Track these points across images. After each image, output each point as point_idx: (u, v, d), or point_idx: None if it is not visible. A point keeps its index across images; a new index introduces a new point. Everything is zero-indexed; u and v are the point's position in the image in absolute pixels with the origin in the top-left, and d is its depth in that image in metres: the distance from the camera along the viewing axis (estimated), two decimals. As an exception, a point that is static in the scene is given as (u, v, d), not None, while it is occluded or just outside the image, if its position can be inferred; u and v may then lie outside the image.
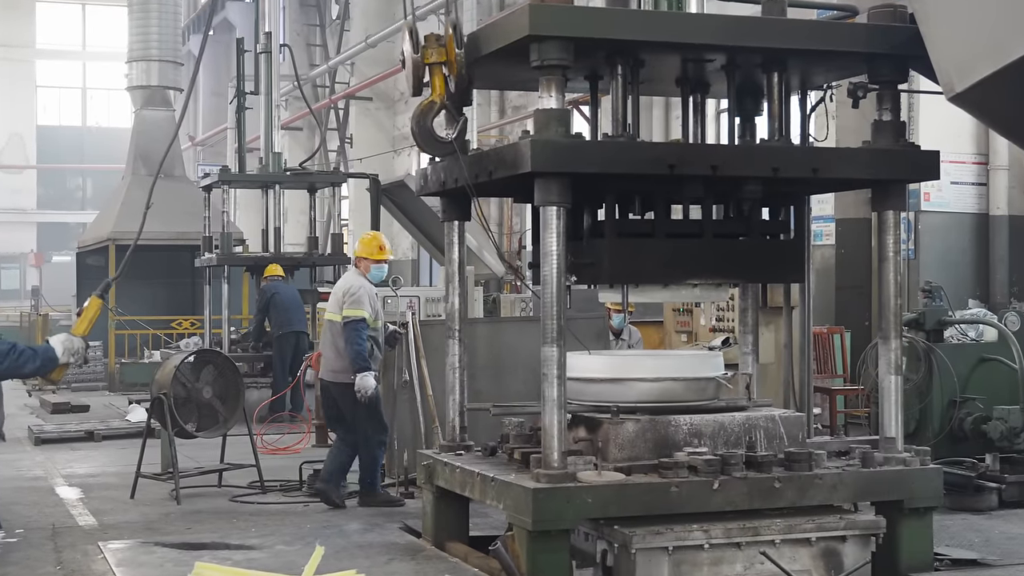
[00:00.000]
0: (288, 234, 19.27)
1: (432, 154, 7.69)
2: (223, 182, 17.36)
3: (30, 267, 47.78)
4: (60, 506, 10.51)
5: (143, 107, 25.89)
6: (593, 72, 7.70)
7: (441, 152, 7.60)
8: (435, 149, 7.57)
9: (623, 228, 7.45)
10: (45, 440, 14.71)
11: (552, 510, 6.70)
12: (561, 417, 6.86)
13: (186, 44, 34.90)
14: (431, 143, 7.51)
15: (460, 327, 8.21)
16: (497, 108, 26.66)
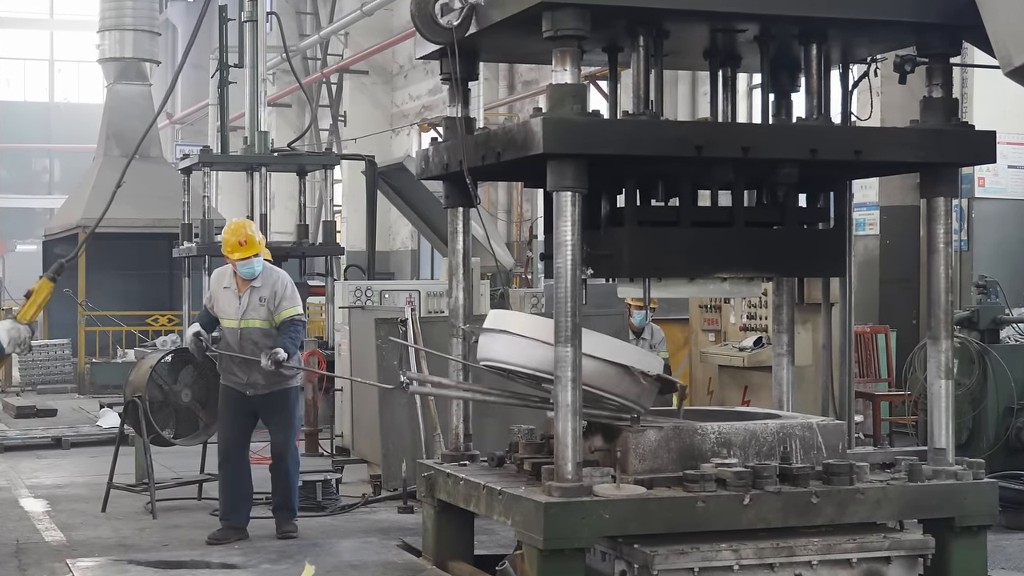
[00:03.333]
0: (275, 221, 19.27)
1: (428, 39, 7.51)
2: (204, 164, 17.35)
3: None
4: (25, 520, 10.53)
5: (116, 81, 25.90)
6: (612, 43, 7.68)
7: (438, 39, 7.43)
8: (433, 34, 7.40)
9: (645, 216, 7.44)
10: (8, 447, 14.74)
11: (566, 527, 6.69)
12: (576, 424, 6.85)
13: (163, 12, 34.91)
14: (430, 27, 7.35)
15: (465, 324, 8.20)
16: (506, 83, 26.65)
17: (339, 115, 32.02)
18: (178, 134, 42.57)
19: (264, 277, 9.88)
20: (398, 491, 10.63)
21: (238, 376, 9.79)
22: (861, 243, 15.74)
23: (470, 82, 8.08)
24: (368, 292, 14.55)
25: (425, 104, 29.74)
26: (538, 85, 24.41)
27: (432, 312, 14.09)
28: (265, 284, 9.84)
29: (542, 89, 23.55)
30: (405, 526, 9.85)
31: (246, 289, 9.82)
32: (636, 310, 13.10)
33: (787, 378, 8.49)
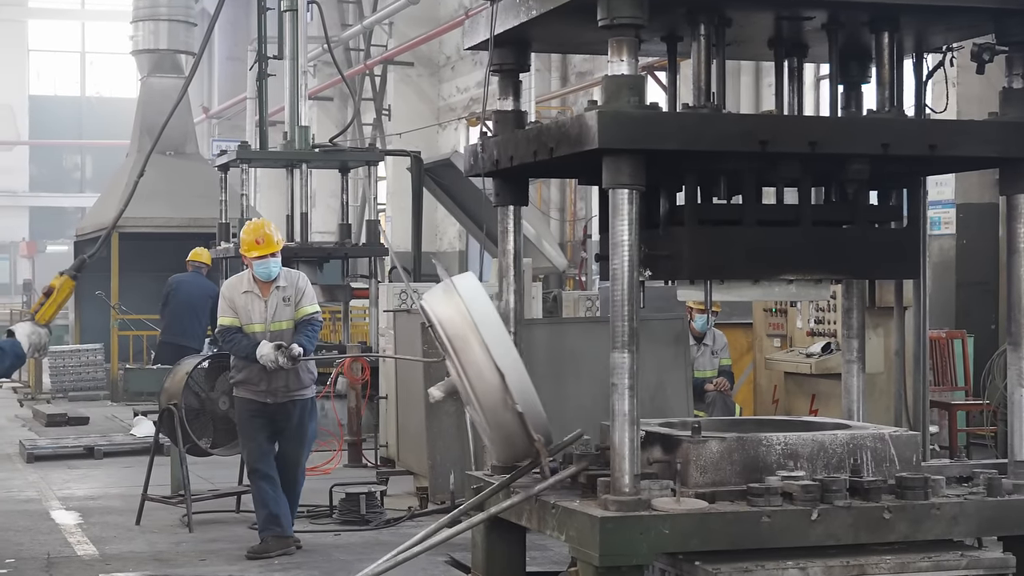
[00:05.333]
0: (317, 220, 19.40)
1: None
2: (242, 160, 17.45)
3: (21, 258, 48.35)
4: (56, 532, 10.63)
5: (150, 74, 26.11)
6: (671, 32, 7.67)
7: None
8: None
9: (706, 214, 7.42)
10: (39, 457, 14.88)
11: (623, 543, 6.68)
12: (634, 434, 6.84)
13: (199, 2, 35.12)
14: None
15: (516, 329, 8.20)
16: (559, 75, 26.67)
17: (383, 109, 32.12)
18: (215, 129, 42.83)
19: (286, 277, 10.07)
20: (446, 504, 10.65)
21: (256, 385, 9.90)
22: (936, 243, 15.65)
23: (521, 73, 8.09)
24: (414, 295, 14.58)
25: (473, 97, 29.80)
26: (592, 76, 24.43)
27: (481, 316, 14.10)
28: (289, 283, 10.03)
29: (597, 81, 23.58)
30: (453, 542, 9.83)
31: (270, 291, 9.93)
32: (697, 314, 13.08)
33: (857, 386, 8.44)
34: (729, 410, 13.22)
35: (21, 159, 50.43)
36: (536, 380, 10.57)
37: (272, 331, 9.89)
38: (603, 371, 7.23)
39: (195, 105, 36.37)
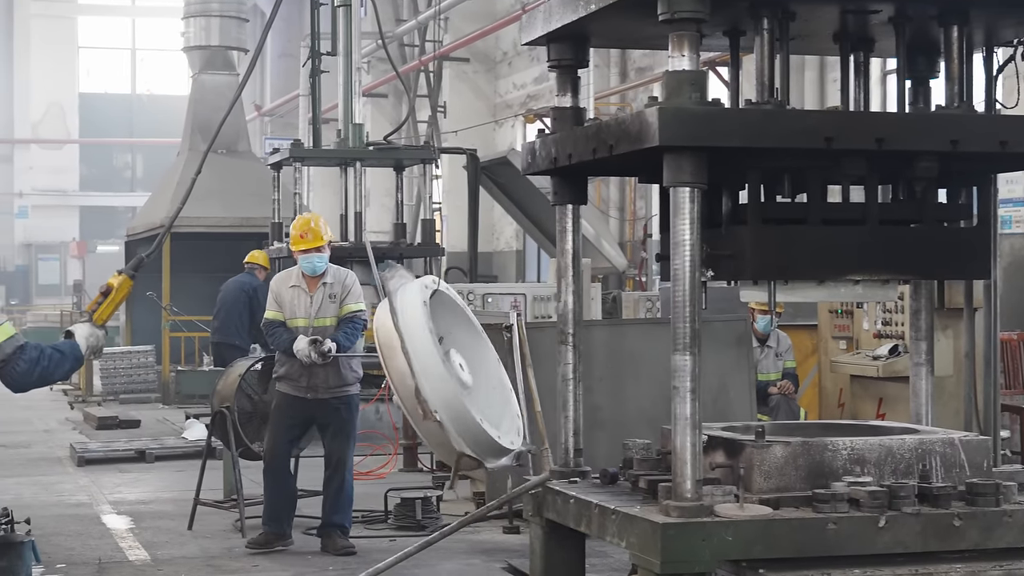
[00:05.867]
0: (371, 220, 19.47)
1: None
2: (295, 159, 17.55)
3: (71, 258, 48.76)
4: (107, 537, 10.72)
5: (201, 71, 26.26)
6: (734, 26, 7.65)
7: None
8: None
9: (770, 213, 7.40)
10: (89, 460, 15.00)
11: (685, 549, 6.67)
12: (695, 439, 6.83)
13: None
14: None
15: (574, 331, 8.20)
16: (618, 70, 26.64)
17: (438, 106, 32.17)
18: (267, 127, 43.05)
19: (333, 274, 10.20)
20: (503, 510, 10.67)
21: (297, 380, 10.02)
22: (1007, 242, 15.54)
23: (580, 69, 8.10)
24: (470, 296, 14.62)
25: (531, 93, 29.80)
26: (652, 72, 24.39)
27: (539, 317, 14.13)
28: (336, 280, 10.15)
29: (657, 76, 23.49)
30: (511, 547, 9.89)
31: (317, 287, 10.04)
32: (760, 315, 13.04)
33: (926, 389, 8.40)
34: (793, 414, 13.17)
35: (71, 158, 50.82)
36: (595, 382, 10.67)
37: (315, 327, 10.02)
38: (664, 374, 7.22)
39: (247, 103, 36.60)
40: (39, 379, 6.23)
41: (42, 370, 6.20)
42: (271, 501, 10.20)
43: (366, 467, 13.51)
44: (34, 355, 6.15)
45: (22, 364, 6.10)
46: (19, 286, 48.84)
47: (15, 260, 49.71)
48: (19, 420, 19.53)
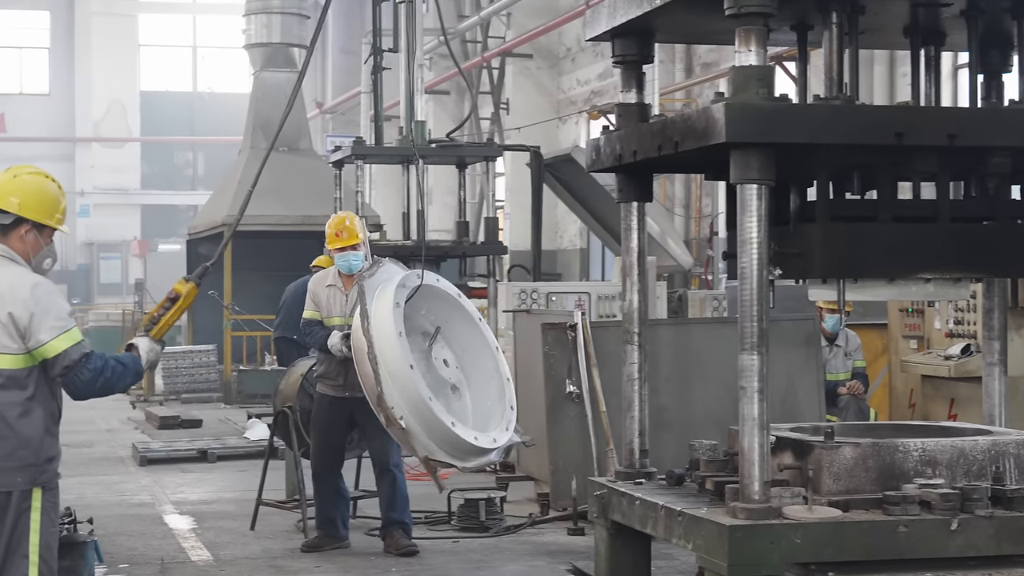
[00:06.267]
0: (433, 218, 19.53)
1: None
2: (356, 156, 17.60)
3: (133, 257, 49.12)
4: (170, 537, 10.81)
5: (263, 68, 26.40)
6: (801, 20, 7.63)
7: None
8: None
9: (839, 210, 7.37)
10: (152, 460, 15.12)
11: (752, 552, 6.66)
12: (763, 440, 6.81)
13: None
14: None
15: (640, 330, 8.20)
16: (683, 66, 26.59)
17: (501, 102, 32.21)
18: (329, 124, 43.20)
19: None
20: (568, 511, 10.68)
21: (335, 379, 10.08)
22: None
23: (645, 65, 8.09)
24: (534, 295, 14.64)
25: (595, 90, 29.79)
26: (718, 68, 24.32)
27: (604, 316, 14.13)
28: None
29: (723, 72, 23.44)
30: (575, 549, 9.89)
31: (352, 285, 10.09)
32: (828, 314, 12.98)
33: (999, 390, 8.34)
34: (863, 414, 13.10)
35: (132, 156, 51.15)
36: (661, 382, 10.66)
37: (351, 325, 10.05)
38: (731, 374, 7.20)
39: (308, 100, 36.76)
40: (101, 389, 6.29)
41: (105, 380, 6.26)
42: (321, 504, 10.25)
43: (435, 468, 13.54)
44: (98, 365, 6.22)
45: (86, 373, 6.16)
46: (81, 285, 49.23)
47: (77, 259, 50.10)
48: (82, 419, 19.71)
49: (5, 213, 6.16)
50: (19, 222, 6.18)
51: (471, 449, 9.21)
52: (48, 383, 6.16)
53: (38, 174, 6.30)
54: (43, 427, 6.11)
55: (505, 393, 9.70)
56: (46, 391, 6.15)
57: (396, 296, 9.25)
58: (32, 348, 6.04)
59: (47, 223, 6.24)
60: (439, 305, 9.84)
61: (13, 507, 6.00)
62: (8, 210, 6.15)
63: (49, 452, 6.14)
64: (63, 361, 6.10)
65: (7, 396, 6.02)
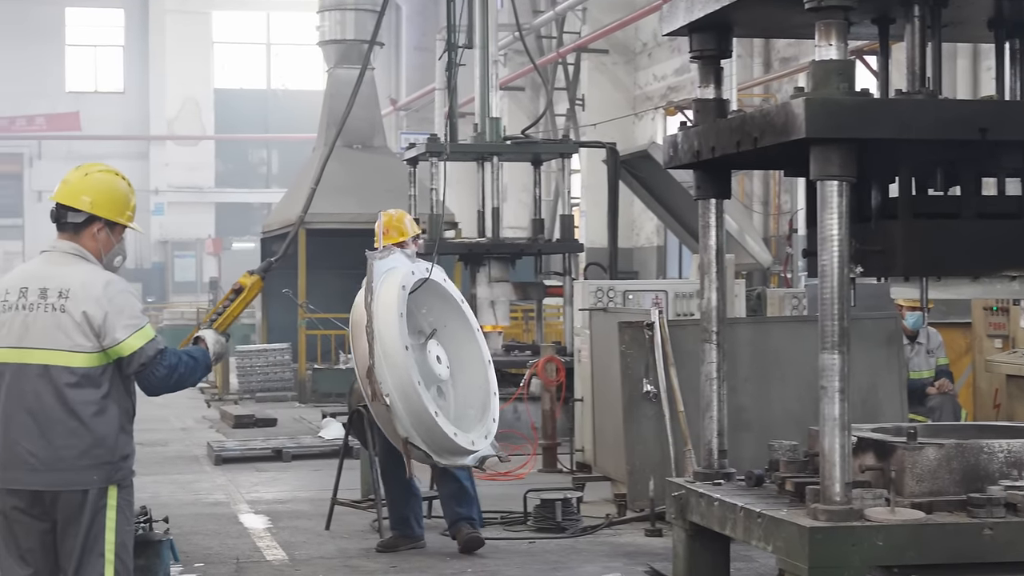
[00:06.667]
0: (508, 215, 19.54)
1: None
2: (431, 154, 17.65)
3: (207, 255, 49.51)
4: (245, 537, 10.88)
5: (337, 65, 26.49)
6: (883, 14, 7.58)
7: None
8: None
9: (921, 207, 7.33)
10: (227, 459, 15.23)
11: (833, 554, 6.63)
12: (844, 440, 6.78)
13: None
14: None
15: (718, 328, 8.19)
16: (761, 61, 26.47)
17: (577, 98, 32.19)
18: (403, 121, 43.35)
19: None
20: (645, 512, 10.66)
21: None
22: None
23: (723, 60, 8.07)
24: (610, 293, 14.62)
25: (671, 85, 29.72)
26: (798, 62, 24.20)
27: (681, 315, 14.08)
28: None
29: (802, 66, 23.32)
30: (653, 550, 9.87)
31: None
32: (909, 312, 12.89)
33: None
34: (956, 413, 12.99)
35: (206, 154, 51.58)
36: (739, 382, 10.62)
37: None
38: (811, 373, 7.18)
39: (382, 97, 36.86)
40: (175, 384, 6.35)
41: (179, 376, 6.32)
42: (393, 503, 10.29)
43: (504, 467, 13.57)
44: (172, 361, 6.28)
45: (161, 369, 6.22)
46: (155, 283, 49.70)
47: (151, 257, 50.58)
48: (156, 418, 19.88)
49: (77, 212, 6.22)
50: (91, 220, 6.23)
51: (449, 445, 9.35)
52: (122, 380, 6.21)
53: (108, 172, 6.36)
54: (118, 425, 6.16)
55: (490, 406, 9.88)
56: (120, 389, 6.20)
57: (403, 280, 9.39)
58: (108, 347, 6.09)
59: (118, 221, 6.30)
60: (441, 306, 9.97)
61: (89, 505, 6.06)
62: (80, 209, 6.21)
63: (124, 450, 6.19)
64: (139, 359, 6.15)
65: (82, 395, 6.07)
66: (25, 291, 6.15)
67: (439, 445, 9.34)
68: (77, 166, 6.43)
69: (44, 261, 6.30)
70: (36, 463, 6.05)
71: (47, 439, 6.05)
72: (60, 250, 6.26)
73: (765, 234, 25.16)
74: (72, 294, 6.09)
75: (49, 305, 6.10)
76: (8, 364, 6.12)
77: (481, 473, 12.63)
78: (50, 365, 6.07)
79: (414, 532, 10.25)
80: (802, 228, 17.55)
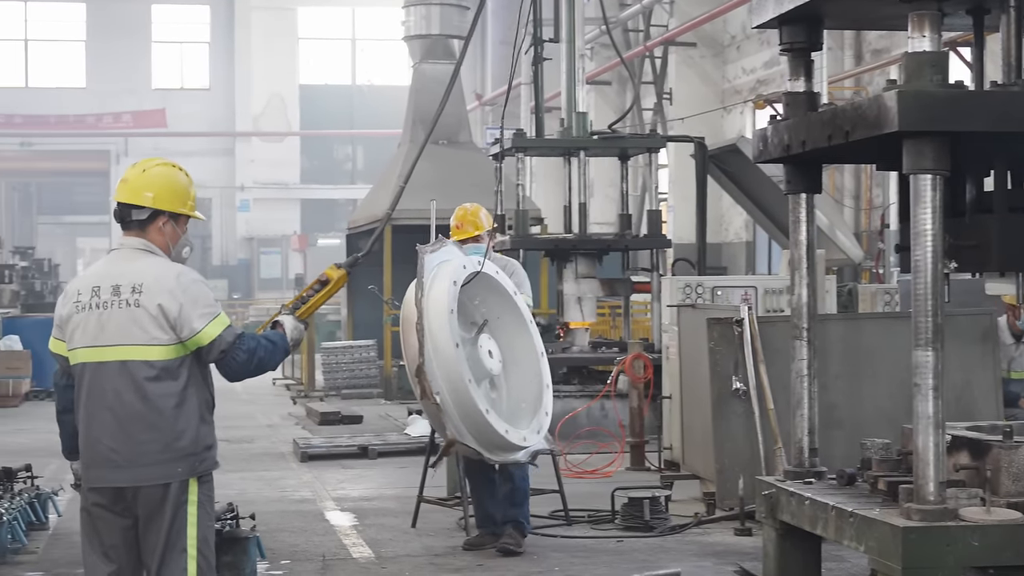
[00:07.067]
0: (595, 211, 19.53)
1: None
2: (517, 149, 17.67)
3: (293, 251, 49.81)
4: (331, 534, 10.94)
5: (422, 60, 26.56)
6: (977, 4, 7.51)
7: None
8: None
9: (1017, 201, 7.26)
10: (313, 456, 15.32)
11: (928, 554, 6.58)
12: (938, 439, 6.73)
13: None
14: None
15: (809, 325, 8.15)
16: (852, 53, 26.28)
17: (664, 92, 32.12)
18: (488, 116, 43.42)
19: (496, 261, 10.30)
20: (734, 511, 10.62)
21: None
22: None
23: (813, 52, 8.04)
24: (699, 289, 14.59)
25: (760, 78, 29.58)
26: (889, 54, 24.01)
27: (771, 311, 14.03)
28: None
29: (894, 59, 23.13)
30: (743, 550, 9.84)
31: None
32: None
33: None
34: None
35: (292, 151, 51.89)
36: (830, 379, 10.56)
37: None
38: (904, 370, 7.14)
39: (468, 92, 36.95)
40: (256, 369, 6.40)
41: (259, 360, 6.38)
42: (478, 501, 10.30)
43: (591, 465, 13.58)
44: (251, 345, 6.34)
45: (241, 354, 6.28)
46: (241, 280, 50.11)
47: (237, 254, 51.00)
48: (242, 415, 20.05)
49: (141, 209, 6.30)
50: (155, 215, 6.31)
51: (500, 441, 9.31)
52: (200, 371, 6.28)
53: (166, 165, 6.44)
54: (198, 416, 6.22)
55: (543, 399, 9.81)
56: (199, 379, 6.26)
57: (454, 275, 9.37)
58: (186, 338, 6.16)
59: (181, 212, 6.38)
60: (493, 299, 9.94)
61: (171, 501, 6.12)
62: (144, 204, 6.29)
63: (206, 440, 6.25)
64: (219, 346, 6.21)
65: (162, 388, 6.14)
66: (97, 290, 6.23)
67: (490, 442, 9.33)
68: (133, 164, 6.50)
69: (113, 259, 6.38)
70: (119, 460, 6.12)
71: (129, 435, 6.11)
72: (128, 247, 6.34)
73: (856, 229, 24.97)
74: (145, 288, 6.16)
75: (123, 301, 6.17)
76: (87, 364, 6.20)
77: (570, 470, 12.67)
78: (128, 361, 6.14)
79: (500, 531, 10.26)
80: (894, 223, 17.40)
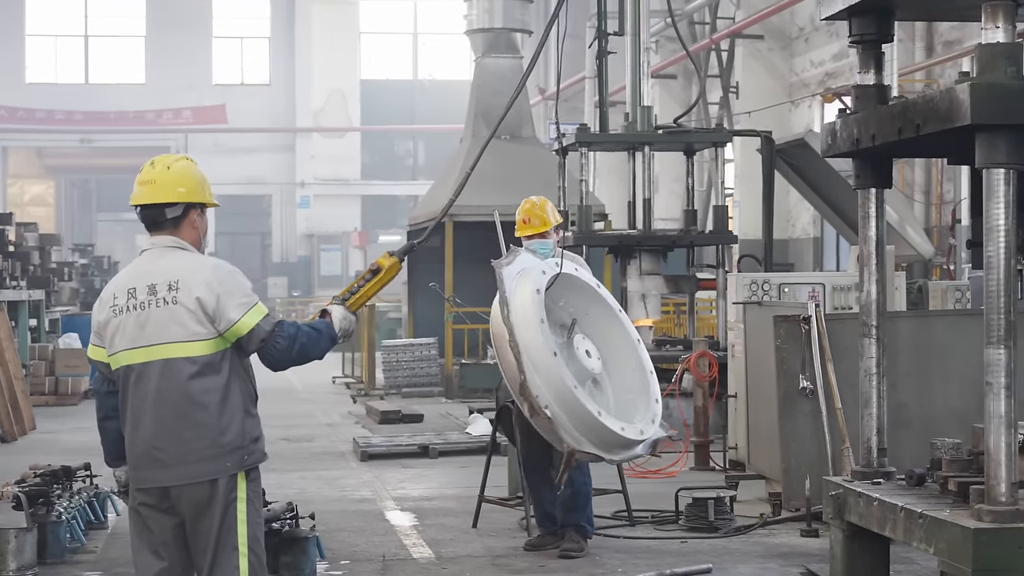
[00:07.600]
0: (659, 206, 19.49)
1: None
2: (581, 144, 17.67)
3: (353, 248, 50.00)
4: (391, 534, 10.97)
5: (484, 54, 26.58)
6: (1054, -6, 7.45)
7: None
8: None
9: (1093, 196, 7.19)
10: (373, 455, 15.36)
11: (1000, 557, 6.54)
12: (1011, 439, 6.68)
13: (535, -23, 35.62)
14: None
15: (878, 322, 8.10)
16: (923, 45, 26.11)
17: (731, 86, 32.02)
18: (552, 111, 43.41)
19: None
20: (801, 511, 10.58)
21: None
22: None
23: (883, 44, 7.99)
24: (765, 286, 14.53)
25: (829, 71, 29.43)
26: (962, 46, 23.83)
27: (839, 308, 13.95)
28: None
29: (967, 50, 22.96)
30: (809, 551, 9.80)
31: None
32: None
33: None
34: None
35: (352, 146, 52.04)
36: (900, 378, 10.50)
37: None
38: (975, 369, 7.07)
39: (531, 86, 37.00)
40: (298, 356, 6.40)
41: (300, 347, 6.37)
42: (538, 501, 10.27)
43: (655, 465, 13.55)
44: (292, 331, 6.34)
45: (282, 341, 6.29)
46: (301, 277, 50.35)
47: (297, 251, 51.23)
48: (302, 414, 20.14)
49: (173, 206, 6.31)
50: (187, 210, 6.34)
51: (618, 440, 9.23)
52: (241, 364, 6.30)
53: (182, 159, 6.48)
54: (243, 409, 6.24)
55: (649, 387, 9.71)
56: (241, 372, 6.29)
57: (536, 283, 9.31)
58: (224, 329, 6.18)
59: (209, 202, 6.43)
60: (578, 297, 9.87)
61: (220, 498, 6.13)
62: (179, 201, 6.31)
63: (253, 432, 6.26)
64: (258, 335, 6.23)
65: (205, 383, 6.16)
66: (133, 291, 6.26)
67: (609, 443, 9.26)
68: (149, 165, 6.43)
69: (146, 259, 6.40)
70: (166, 459, 6.15)
71: (175, 433, 6.15)
72: (160, 246, 6.37)
73: (927, 224, 24.83)
74: (182, 284, 6.19)
75: (160, 300, 6.21)
76: (131, 366, 6.24)
77: (634, 470, 12.64)
78: (170, 359, 6.17)
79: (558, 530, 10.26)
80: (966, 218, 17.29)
